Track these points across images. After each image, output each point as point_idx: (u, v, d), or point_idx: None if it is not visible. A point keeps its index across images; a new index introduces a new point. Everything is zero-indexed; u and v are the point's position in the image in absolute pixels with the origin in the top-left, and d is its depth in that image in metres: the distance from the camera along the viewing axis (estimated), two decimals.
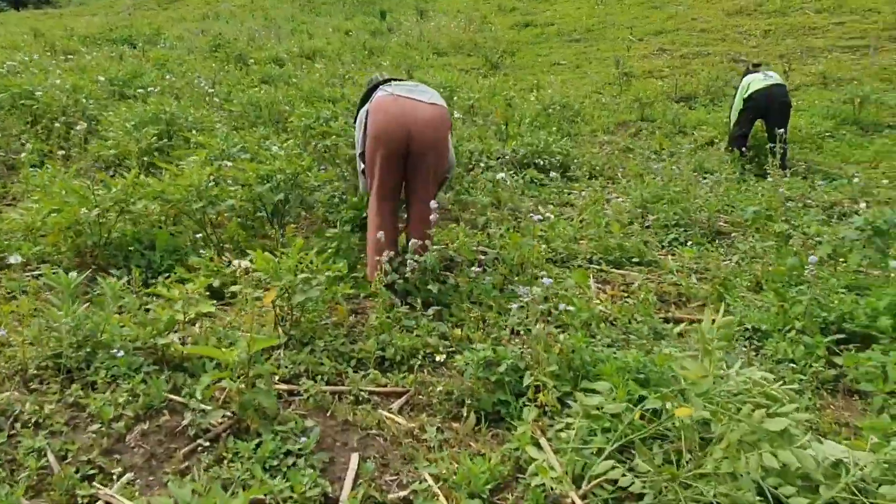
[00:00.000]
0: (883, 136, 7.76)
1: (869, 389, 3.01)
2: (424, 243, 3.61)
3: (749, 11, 14.39)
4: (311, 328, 3.20)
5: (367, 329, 3.30)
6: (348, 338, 3.27)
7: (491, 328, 3.46)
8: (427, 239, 3.68)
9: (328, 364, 2.99)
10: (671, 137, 8.37)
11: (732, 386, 2.15)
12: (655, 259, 4.83)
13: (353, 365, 3.08)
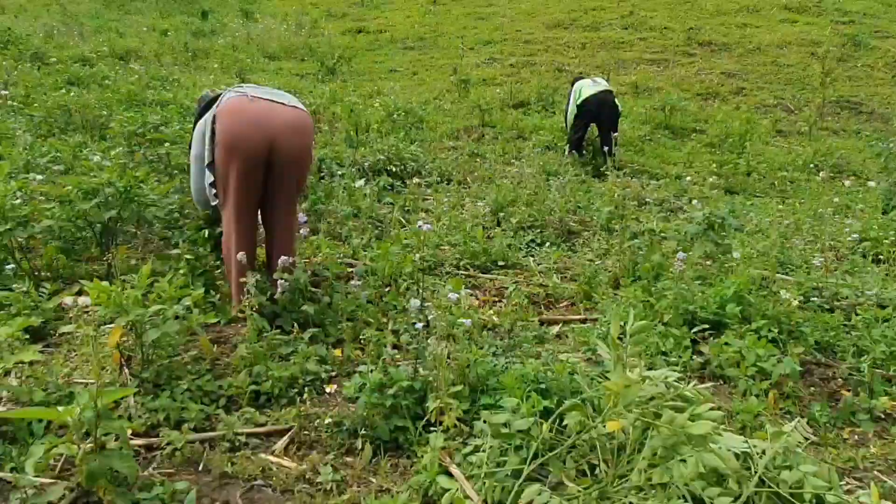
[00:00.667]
0: (691, 139, 8.52)
1: (732, 374, 3.16)
2: (293, 260, 3.27)
3: (566, 25, 15.30)
4: (166, 368, 2.74)
5: (236, 361, 2.90)
6: (213, 373, 2.84)
7: (373, 346, 3.20)
8: (294, 255, 3.34)
9: (193, 408, 2.56)
10: (512, 142, 8.58)
11: (646, 391, 2.09)
12: (519, 261, 4.85)
13: (224, 405, 2.68)
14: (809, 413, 2.91)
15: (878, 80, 10.36)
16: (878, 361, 3.16)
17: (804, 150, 7.52)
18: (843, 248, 4.74)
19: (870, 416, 2.85)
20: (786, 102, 9.64)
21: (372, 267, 4.13)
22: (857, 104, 9.45)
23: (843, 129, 8.61)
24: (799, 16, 13.74)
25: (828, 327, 3.43)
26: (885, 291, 3.79)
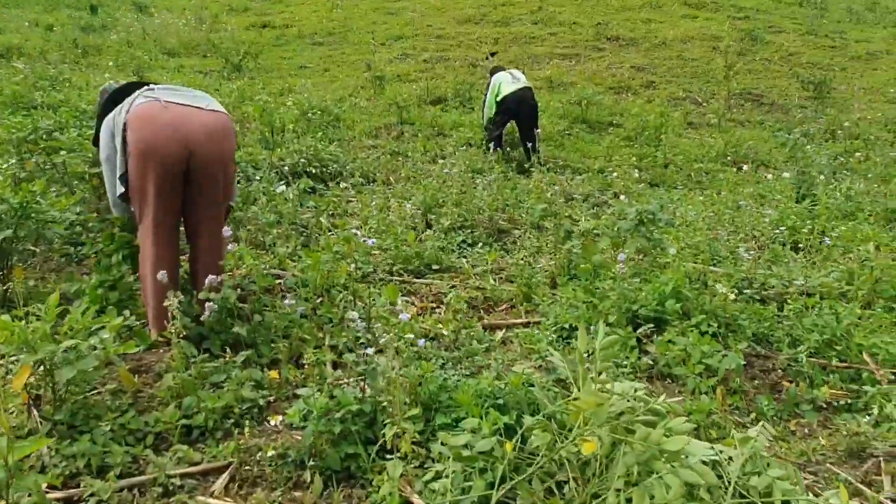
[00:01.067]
0: (609, 133, 8.68)
1: (680, 373, 3.17)
2: (221, 279, 3.01)
3: (477, 20, 15.33)
4: (83, 406, 2.43)
5: (162, 393, 2.62)
6: (137, 408, 2.56)
7: (312, 366, 3.00)
8: (223, 271, 3.08)
9: (118, 450, 2.29)
10: (433, 139, 8.46)
11: (616, 407, 2.01)
12: (453, 264, 4.74)
13: (152, 444, 2.41)
14: (756, 407, 2.95)
15: (776, 73, 10.94)
16: (813, 350, 3.24)
17: (716, 142, 7.81)
18: (762, 237, 4.90)
19: (812, 407, 2.92)
20: (694, 95, 10.00)
21: (302, 278, 3.90)
22: (759, 96, 9.94)
23: (748, 120, 9.02)
24: (698, 11, 14.33)
25: (762, 319, 3.49)
26: (809, 280, 3.91)
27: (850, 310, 3.43)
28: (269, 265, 4.16)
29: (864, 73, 11.13)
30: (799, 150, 6.68)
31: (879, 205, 5.33)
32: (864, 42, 12.77)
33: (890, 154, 7.32)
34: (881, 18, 14.38)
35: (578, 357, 2.03)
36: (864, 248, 4.46)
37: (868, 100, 9.79)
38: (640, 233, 4.55)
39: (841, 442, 2.60)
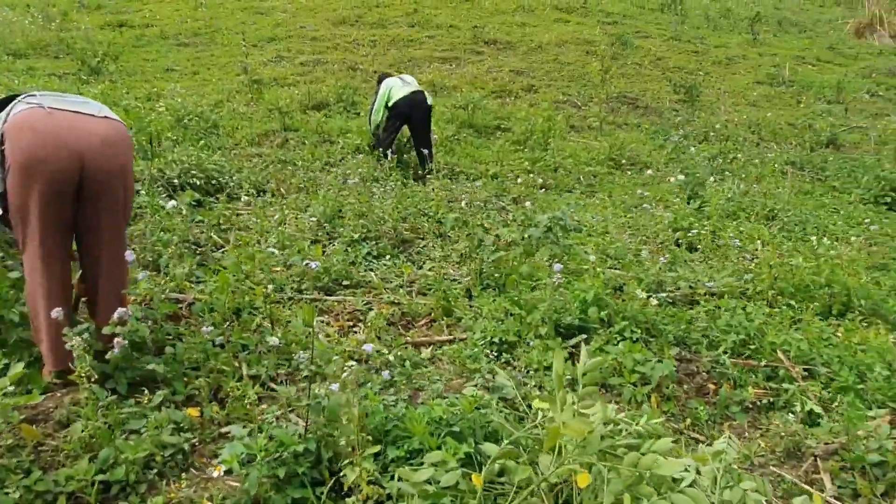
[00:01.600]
0: (497, 137, 8.77)
1: (615, 383, 3.17)
2: (129, 311, 2.65)
3: (352, 22, 15.03)
4: None
5: (70, 446, 2.24)
6: (39, 464, 2.17)
7: (234, 402, 2.72)
8: (126, 303, 2.72)
9: None
10: (320, 146, 8.15)
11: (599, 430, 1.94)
12: (363, 278, 4.54)
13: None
14: (690, 412, 3.01)
15: (647, 77, 11.56)
16: (728, 350, 3.37)
17: (600, 145, 8.09)
18: (660, 238, 5.09)
19: (741, 408, 3.02)
20: (573, 99, 10.34)
21: (208, 302, 3.55)
22: (634, 99, 10.44)
23: (626, 122, 9.44)
24: (569, 16, 14.89)
25: (681, 322, 3.59)
26: (714, 280, 4.09)
27: (759, 309, 3.60)
28: (167, 289, 3.76)
29: (726, 77, 12.04)
30: (680, 153, 7.07)
31: (758, 204, 5.74)
32: (722, 47, 13.82)
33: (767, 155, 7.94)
34: (734, 25, 15.65)
35: (557, 381, 1.94)
36: (752, 246, 4.76)
37: (732, 102, 10.59)
38: (549, 239, 4.58)
39: (778, 443, 2.69)
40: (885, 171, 7.05)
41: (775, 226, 5.54)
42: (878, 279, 4.36)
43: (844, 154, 8.51)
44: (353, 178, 6.32)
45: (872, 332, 3.56)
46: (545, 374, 3.20)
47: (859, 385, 3.05)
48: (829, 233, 5.43)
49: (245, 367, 3.15)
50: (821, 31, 16.41)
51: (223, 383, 2.91)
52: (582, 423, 1.80)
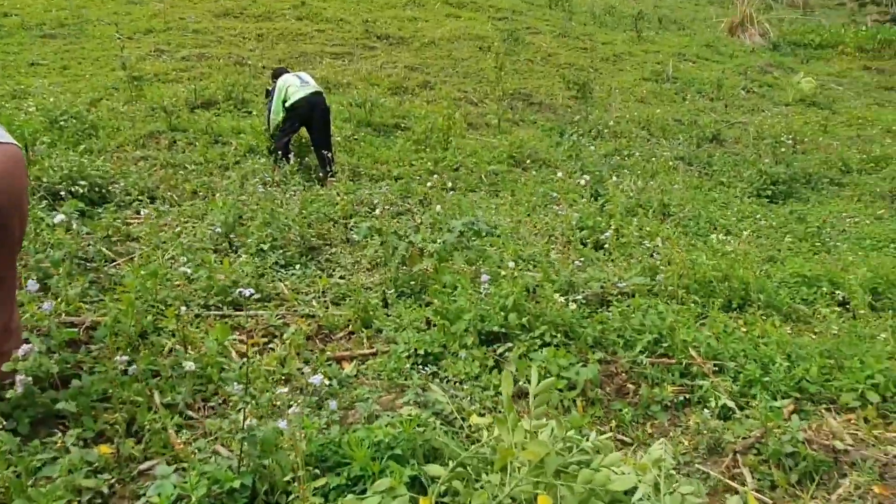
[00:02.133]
0: (397, 136, 8.67)
1: None
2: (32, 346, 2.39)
3: (236, 14, 14.39)
4: None
5: None
6: None
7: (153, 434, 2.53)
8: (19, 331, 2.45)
9: None
10: (212, 148, 7.73)
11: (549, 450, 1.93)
12: (274, 290, 4.35)
13: None
14: (615, 414, 3.09)
15: (540, 73, 11.82)
16: (644, 349, 3.49)
17: (499, 143, 8.18)
18: (566, 238, 5.21)
19: (661, 407, 3.14)
20: (469, 96, 10.41)
21: (110, 325, 3.26)
22: (528, 96, 10.64)
23: (522, 119, 9.60)
24: (461, 11, 14.96)
25: (597, 323, 3.68)
26: (624, 280, 4.23)
27: (669, 307, 3.76)
28: (64, 312, 3.44)
29: (614, 73, 12.51)
30: (577, 150, 7.29)
31: (654, 200, 6.01)
32: (609, 44, 14.35)
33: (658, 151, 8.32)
34: (619, 22, 16.30)
35: (507, 403, 1.91)
36: (653, 243, 4.97)
37: (622, 99, 11.03)
38: (463, 244, 4.58)
39: (700, 440, 2.82)
40: (764, 166, 7.59)
41: (672, 221, 5.83)
42: (768, 272, 4.68)
43: (727, 149, 9.10)
44: (254, 182, 6.04)
45: (769, 325, 3.81)
46: (474, 385, 3.18)
47: (765, 378, 3.25)
48: (721, 227, 5.78)
49: (158, 395, 2.93)
50: (698, 28, 17.44)
51: (137, 415, 2.69)
52: (539, 446, 1.78)
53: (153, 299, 3.83)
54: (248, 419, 2.33)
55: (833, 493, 2.56)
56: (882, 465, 2.73)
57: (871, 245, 5.55)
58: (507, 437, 1.96)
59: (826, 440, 2.81)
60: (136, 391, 2.79)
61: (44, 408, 2.58)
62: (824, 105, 11.79)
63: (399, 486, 2.07)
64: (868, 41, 16.09)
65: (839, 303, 4.36)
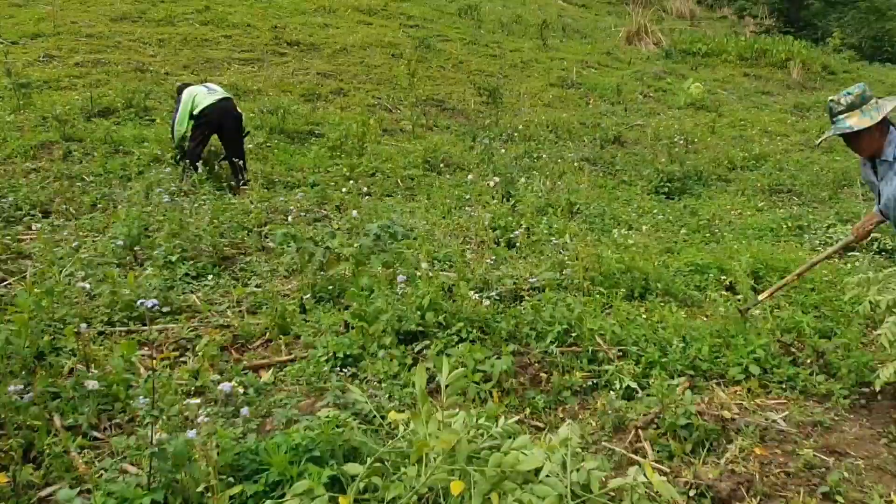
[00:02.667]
0: (311, 143, 8.61)
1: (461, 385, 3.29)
2: None
3: (134, 18, 13.85)
4: None
5: None
6: None
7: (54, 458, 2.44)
8: None
9: None
10: (112, 158, 7.44)
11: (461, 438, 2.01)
12: (185, 302, 4.25)
13: None
14: (529, 402, 3.22)
15: (451, 80, 11.98)
16: (555, 340, 3.64)
17: (414, 148, 8.26)
18: (480, 238, 5.35)
19: (571, 392, 3.30)
20: (383, 102, 10.45)
21: (3, 348, 3.11)
22: (441, 102, 10.78)
23: (436, 125, 9.72)
24: (372, 18, 14.97)
25: (510, 318, 3.81)
26: (535, 276, 4.40)
27: (576, 299, 3.95)
28: None
29: (523, 79, 12.83)
30: (489, 153, 7.47)
31: (562, 199, 6.25)
32: (517, 52, 14.70)
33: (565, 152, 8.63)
34: (525, 31, 16.72)
35: (421, 396, 1.97)
36: (562, 240, 5.19)
37: (530, 104, 11.34)
38: (380, 247, 4.62)
39: (606, 420, 2.99)
40: (661, 165, 8.04)
41: (579, 218, 6.08)
42: (666, 262, 4.98)
43: (628, 149, 9.55)
44: (159, 192, 5.86)
45: (667, 311, 4.07)
46: (393, 384, 3.24)
47: (663, 359, 3.49)
48: (624, 222, 6.08)
49: (59, 418, 2.82)
50: (598, 37, 18.17)
51: (34, 440, 2.58)
52: (450, 434, 1.86)
53: (50, 318, 3.67)
54: (157, 434, 2.29)
55: (722, 458, 2.79)
56: (763, 429, 3.02)
57: (754, 234, 6.01)
58: (422, 430, 2.02)
59: (716, 411, 3.07)
60: (34, 415, 2.67)
61: None
62: (712, 108, 12.58)
63: (318, 488, 2.10)
64: (747, 50, 17.28)
65: (727, 287, 4.71)
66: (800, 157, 9.99)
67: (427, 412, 1.98)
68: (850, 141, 3.37)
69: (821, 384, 3.45)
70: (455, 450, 1.88)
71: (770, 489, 2.62)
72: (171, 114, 7.49)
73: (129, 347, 3.31)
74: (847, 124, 3.22)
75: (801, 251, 5.67)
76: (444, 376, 2.07)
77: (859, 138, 3.28)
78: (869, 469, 2.76)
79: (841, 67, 17.88)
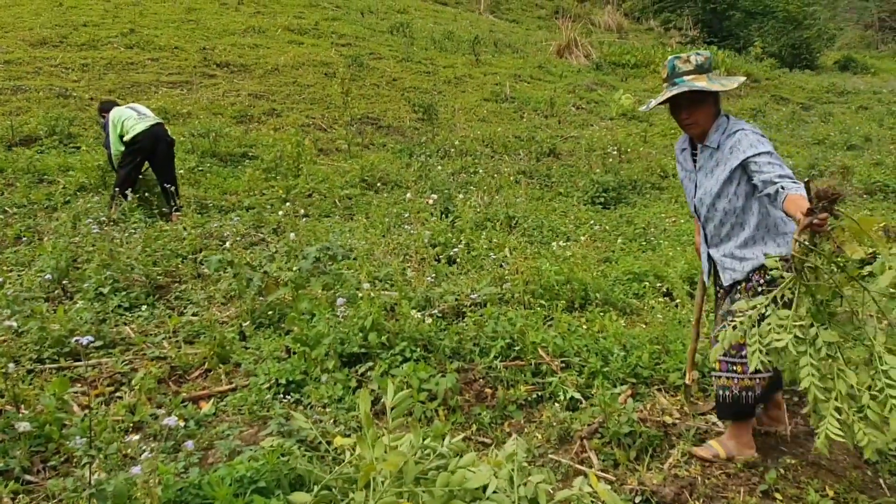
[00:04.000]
0: (245, 165, 8.47)
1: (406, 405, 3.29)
2: None
3: (55, 43, 13.40)
4: None
5: None
6: None
7: None
8: None
9: None
10: (35, 188, 7.15)
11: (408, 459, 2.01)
12: (122, 335, 4.12)
13: None
14: (475, 418, 3.24)
15: (386, 97, 12.02)
16: (499, 355, 3.68)
17: (351, 167, 8.23)
18: (420, 255, 5.37)
19: (516, 406, 3.33)
20: (317, 121, 10.38)
21: None
22: (376, 119, 10.78)
23: (372, 143, 9.72)
24: (303, 37, 14.89)
25: (453, 334, 3.83)
26: (476, 291, 4.44)
27: (518, 313, 4.00)
28: None
29: (457, 95, 12.97)
30: (426, 170, 7.52)
31: (501, 213, 6.34)
32: (450, 67, 14.84)
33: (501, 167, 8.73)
34: (458, 47, 16.91)
35: (365, 420, 1.96)
36: (502, 254, 5.26)
37: (465, 119, 11.46)
38: (319, 270, 4.58)
39: (551, 432, 3.03)
40: (596, 175, 8.24)
41: (517, 232, 6.17)
42: (604, 272, 5.11)
43: (563, 161, 9.75)
44: (87, 222, 5.66)
45: (607, 320, 4.16)
46: (338, 408, 3.21)
47: (605, 368, 3.56)
48: (562, 234, 6.20)
49: None
50: (530, 51, 18.56)
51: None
52: (397, 456, 1.86)
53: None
54: (94, 474, 2.21)
55: (665, 463, 2.86)
56: (703, 432, 3.10)
57: (688, 240, 6.20)
58: (368, 454, 2.01)
59: (658, 417, 3.14)
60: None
61: None
62: (642, 118, 12.97)
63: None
64: None
65: (664, 293, 4.84)
66: None
67: (373, 436, 1.98)
68: (684, 109, 2.81)
69: None
70: (402, 472, 1.88)
71: (712, 491, 2.70)
72: (100, 139, 7.26)
73: (61, 385, 3.19)
74: (698, 85, 2.70)
75: None
76: (389, 398, 2.06)
77: (698, 109, 2.77)
78: (805, 465, 2.88)
79: (763, 74, 18.76)
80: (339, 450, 2.68)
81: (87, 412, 2.29)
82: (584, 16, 25.73)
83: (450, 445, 2.10)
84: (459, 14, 22.80)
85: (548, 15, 26.59)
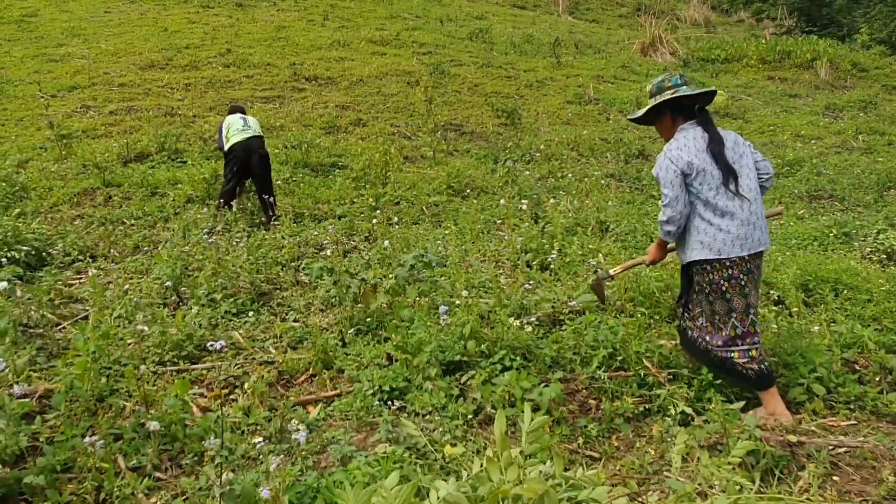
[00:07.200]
0: (336, 175, 8.73)
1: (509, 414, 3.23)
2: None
3: (161, 66, 14.25)
4: None
5: None
6: None
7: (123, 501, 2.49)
8: None
9: None
10: (149, 200, 7.63)
11: None
12: (232, 339, 4.33)
13: None
14: (581, 430, 3.19)
15: (468, 103, 12.11)
16: (601, 364, 3.61)
17: (437, 174, 8.33)
18: (512, 261, 5.37)
19: (624, 419, 3.26)
20: (402, 130, 10.57)
21: (66, 392, 3.19)
22: (460, 126, 10.88)
23: (456, 149, 9.81)
24: (385, 48, 15.20)
25: (552, 343, 3.80)
26: (574, 298, 4.39)
27: (619, 321, 3.92)
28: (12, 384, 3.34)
29: (539, 99, 12.92)
30: (513, 175, 7.51)
31: (591, 217, 6.25)
32: (531, 71, 14.79)
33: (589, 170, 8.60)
34: (538, 50, 16.82)
35: (500, 439, 1.98)
36: (596, 259, 5.18)
37: (549, 123, 11.40)
38: (415, 277, 4.66)
39: (666, 449, 2.93)
40: None
41: (611, 237, 6.06)
42: None
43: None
44: (197, 232, 5.99)
45: None
46: (443, 416, 3.23)
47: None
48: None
49: (122, 459, 2.88)
50: (612, 51, 18.21)
51: (104, 482, 2.64)
52: (537, 484, 1.85)
53: (108, 361, 3.77)
54: (223, 473, 2.34)
55: (795, 485, 2.67)
56: (836, 454, 2.89)
57: (798, 244, 5.87)
58: (497, 476, 2.00)
59: (780, 436, 2.96)
60: (101, 457, 2.74)
61: (5, 486, 2.51)
62: (737, 115, 12.43)
63: None
64: (769, 53, 17.08)
65: (775, 302, 4.60)
66: (837, 159, 9.75)
67: (507, 459, 1.98)
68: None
69: (892, 403, 3.30)
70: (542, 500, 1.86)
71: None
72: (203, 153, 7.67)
73: (182, 387, 3.39)
74: (638, 112, 3.46)
75: (852, 259, 5.49)
76: (525, 423, 2.06)
77: (656, 125, 3.47)
78: None
79: (872, 64, 17.56)
80: (448, 459, 2.72)
81: (220, 414, 2.42)
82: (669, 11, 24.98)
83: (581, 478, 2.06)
84: (538, 17, 22.62)
85: (629, 13, 25.96)
